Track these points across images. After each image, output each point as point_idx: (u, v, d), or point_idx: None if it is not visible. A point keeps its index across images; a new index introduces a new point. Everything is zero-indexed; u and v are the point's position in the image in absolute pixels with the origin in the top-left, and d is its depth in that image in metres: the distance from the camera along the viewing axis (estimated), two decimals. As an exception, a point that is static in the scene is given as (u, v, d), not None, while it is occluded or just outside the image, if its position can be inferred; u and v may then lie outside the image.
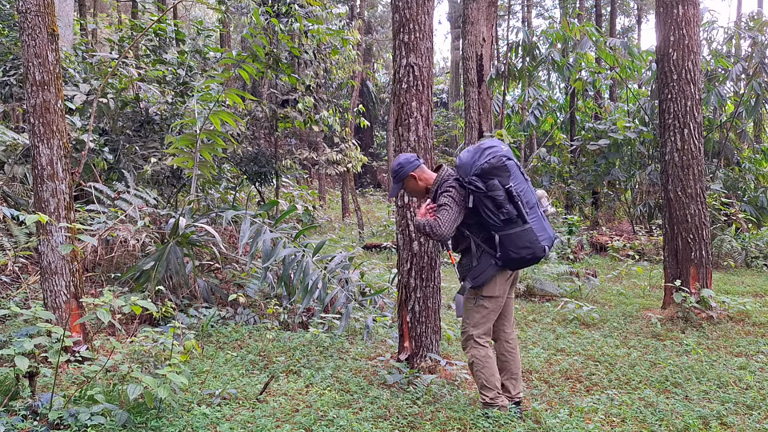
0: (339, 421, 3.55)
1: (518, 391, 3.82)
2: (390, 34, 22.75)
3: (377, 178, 29.65)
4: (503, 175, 3.52)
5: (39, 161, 4.33)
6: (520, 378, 3.86)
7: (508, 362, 3.85)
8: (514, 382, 3.83)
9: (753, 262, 10.38)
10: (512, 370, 3.84)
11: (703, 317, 6.15)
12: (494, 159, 3.50)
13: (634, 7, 27.70)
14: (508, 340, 3.88)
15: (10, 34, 8.60)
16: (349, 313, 5.63)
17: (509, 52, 12.84)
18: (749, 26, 12.32)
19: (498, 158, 3.51)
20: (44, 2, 4.33)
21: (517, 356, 3.88)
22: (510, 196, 3.51)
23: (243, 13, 16.21)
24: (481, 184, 3.50)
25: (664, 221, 6.71)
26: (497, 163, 3.50)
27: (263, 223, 5.72)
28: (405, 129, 4.44)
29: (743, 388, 4.30)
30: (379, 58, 28.80)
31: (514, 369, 3.85)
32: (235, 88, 8.59)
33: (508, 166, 3.54)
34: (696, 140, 6.42)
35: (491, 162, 3.50)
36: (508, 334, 3.89)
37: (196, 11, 24.80)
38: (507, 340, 3.88)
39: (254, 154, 10.19)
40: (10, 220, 6.32)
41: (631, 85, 16.13)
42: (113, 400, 3.62)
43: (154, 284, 5.45)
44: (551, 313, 6.80)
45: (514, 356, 3.86)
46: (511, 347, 3.88)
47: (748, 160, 12.76)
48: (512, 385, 3.82)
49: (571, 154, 14.70)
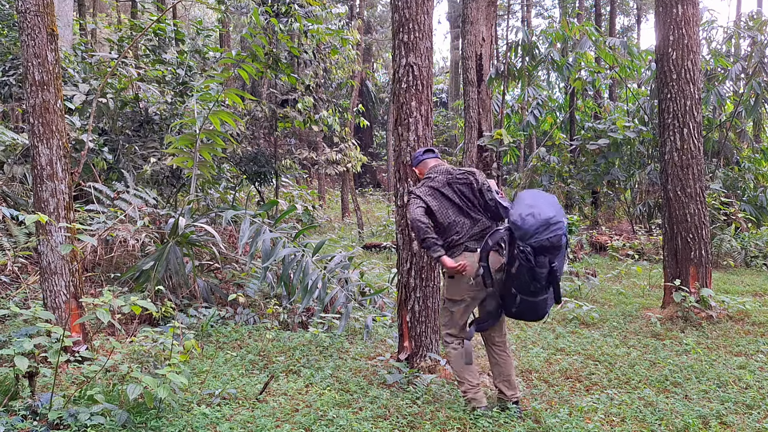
0: (339, 421, 3.55)
1: (513, 392, 3.84)
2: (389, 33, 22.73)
3: (377, 177, 29.64)
4: (555, 254, 3.44)
5: (38, 161, 4.33)
6: (513, 380, 3.87)
7: (499, 365, 3.88)
8: (507, 384, 3.85)
9: (752, 261, 10.38)
10: (504, 373, 3.86)
11: (703, 317, 6.15)
12: (556, 239, 3.37)
13: (633, 7, 27.70)
14: (496, 344, 3.91)
15: (9, 34, 8.60)
16: (349, 312, 5.63)
17: (509, 51, 12.83)
18: (749, 26, 12.31)
19: (559, 238, 3.38)
20: (43, 2, 4.33)
21: (508, 359, 3.89)
22: (550, 272, 3.47)
23: (242, 12, 16.20)
24: (533, 257, 3.40)
25: (664, 221, 6.71)
26: (557, 243, 3.39)
27: (263, 223, 5.72)
28: (405, 128, 4.44)
29: (743, 387, 4.30)
30: (379, 58, 28.79)
31: (506, 371, 3.86)
32: (235, 88, 8.59)
33: (563, 244, 3.44)
34: (695, 140, 6.42)
35: (552, 241, 3.37)
36: (494, 338, 3.92)
37: (196, 11, 24.79)
38: (494, 344, 3.92)
39: (254, 154, 10.19)
40: (9, 220, 6.32)
41: (631, 84, 16.13)
42: (113, 400, 3.62)
43: (154, 284, 5.45)
44: (551, 312, 6.80)
45: (505, 359, 3.88)
46: (500, 350, 3.90)
47: (747, 159, 12.76)
48: (506, 387, 3.85)
49: (570, 154, 14.68)
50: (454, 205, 3.86)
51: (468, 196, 3.88)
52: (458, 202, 3.86)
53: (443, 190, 3.88)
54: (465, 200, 3.87)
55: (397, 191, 4.53)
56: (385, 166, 28.33)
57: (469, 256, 3.75)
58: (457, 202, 3.86)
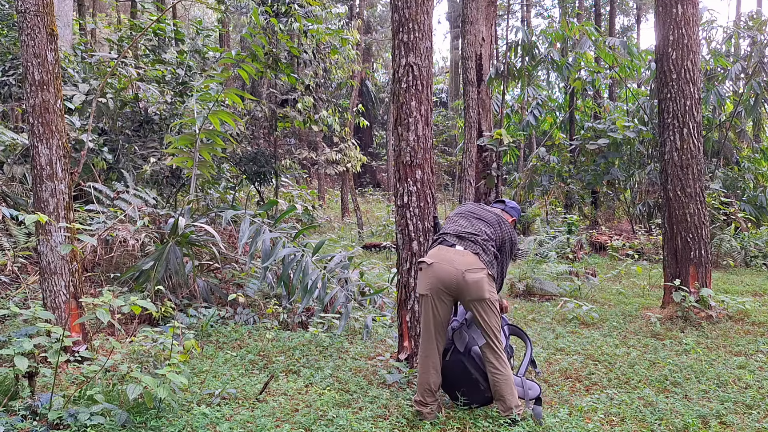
0: (338, 421, 3.55)
1: (506, 407, 3.55)
2: (389, 33, 22.74)
3: (377, 177, 29.64)
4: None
5: (38, 161, 4.33)
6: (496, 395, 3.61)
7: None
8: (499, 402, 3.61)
9: (752, 261, 10.38)
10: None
11: (703, 316, 6.15)
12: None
13: (633, 7, 27.72)
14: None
15: (9, 33, 8.60)
16: (349, 312, 5.63)
17: (508, 51, 12.83)
18: (748, 25, 12.31)
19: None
20: (43, 2, 4.33)
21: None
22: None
23: (242, 12, 16.21)
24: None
25: (664, 221, 6.72)
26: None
27: (263, 223, 5.72)
28: (404, 128, 4.44)
29: (742, 387, 4.30)
30: (379, 58, 28.81)
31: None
32: (235, 88, 8.58)
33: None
34: (695, 139, 6.43)
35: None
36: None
37: (196, 11, 24.78)
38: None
39: (253, 154, 10.19)
40: (9, 220, 6.32)
41: (631, 84, 16.13)
42: (113, 400, 3.62)
43: (154, 284, 5.45)
44: (551, 312, 6.80)
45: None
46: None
47: (747, 159, 12.76)
48: (501, 404, 3.59)
49: (570, 154, 14.68)
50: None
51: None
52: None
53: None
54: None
55: (396, 191, 4.53)
56: (385, 166, 28.33)
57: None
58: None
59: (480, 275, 3.45)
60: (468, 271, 3.45)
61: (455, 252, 3.54)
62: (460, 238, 3.63)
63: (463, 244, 3.58)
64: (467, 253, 3.52)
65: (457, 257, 3.51)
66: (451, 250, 3.56)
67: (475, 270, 3.46)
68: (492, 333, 3.52)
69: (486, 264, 3.51)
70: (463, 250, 3.55)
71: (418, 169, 4.43)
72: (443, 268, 3.49)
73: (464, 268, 3.46)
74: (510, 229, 3.83)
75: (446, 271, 3.48)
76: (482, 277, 3.45)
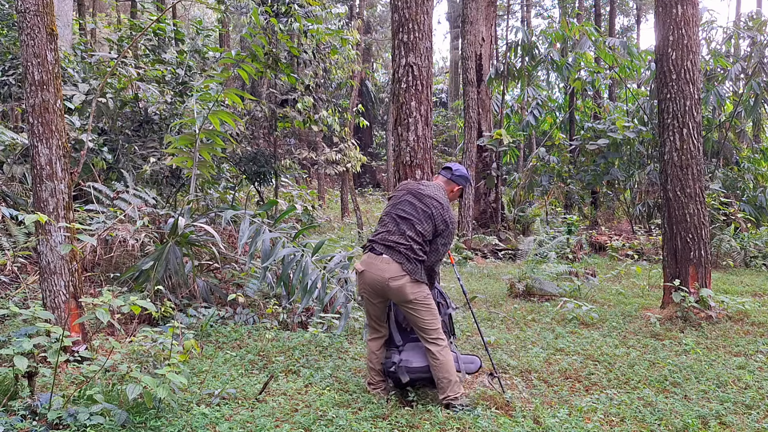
0: (338, 421, 3.55)
1: (444, 395, 3.85)
2: (389, 33, 22.74)
3: (376, 177, 29.64)
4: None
5: (38, 161, 4.32)
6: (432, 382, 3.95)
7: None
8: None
9: (752, 261, 10.39)
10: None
11: (702, 317, 6.16)
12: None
13: (633, 7, 27.73)
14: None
15: (9, 33, 8.60)
16: (349, 312, 5.62)
17: (508, 51, 12.84)
18: (748, 26, 12.32)
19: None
20: (43, 2, 4.32)
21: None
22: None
23: (242, 12, 16.20)
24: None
25: (663, 221, 6.72)
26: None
27: (262, 223, 5.72)
28: (404, 128, 4.45)
29: (742, 387, 4.31)
30: (379, 58, 28.82)
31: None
32: (234, 88, 8.59)
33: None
34: (695, 140, 6.43)
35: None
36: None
37: (195, 11, 24.79)
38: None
39: (253, 154, 10.18)
40: (9, 220, 6.32)
41: (630, 84, 16.13)
42: (112, 400, 3.62)
43: (154, 284, 5.45)
44: (550, 312, 6.80)
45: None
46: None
47: (747, 159, 12.77)
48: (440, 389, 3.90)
49: (570, 154, 14.69)
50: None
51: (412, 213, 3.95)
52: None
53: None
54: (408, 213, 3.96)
55: (396, 191, 4.53)
56: (384, 166, 28.32)
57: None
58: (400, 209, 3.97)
59: (401, 282, 3.80)
60: (392, 279, 3.80)
61: (381, 260, 3.86)
62: (387, 247, 3.89)
63: (388, 253, 3.87)
64: (392, 261, 3.83)
65: (383, 265, 3.84)
66: (378, 258, 3.88)
67: (398, 278, 3.80)
68: (421, 328, 3.88)
69: (408, 271, 3.81)
70: (388, 258, 3.85)
71: (418, 169, 4.43)
72: (371, 275, 3.87)
73: (388, 276, 3.80)
74: (443, 210, 3.92)
75: (373, 278, 3.87)
76: (404, 283, 3.80)
